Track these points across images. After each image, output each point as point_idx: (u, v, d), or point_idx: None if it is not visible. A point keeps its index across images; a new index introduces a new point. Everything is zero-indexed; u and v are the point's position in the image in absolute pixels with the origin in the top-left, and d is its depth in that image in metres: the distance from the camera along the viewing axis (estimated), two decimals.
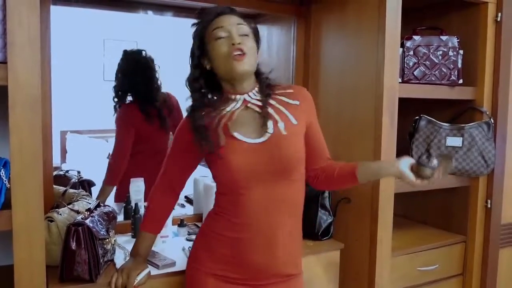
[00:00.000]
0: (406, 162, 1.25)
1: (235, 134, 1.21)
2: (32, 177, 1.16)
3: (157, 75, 2.16)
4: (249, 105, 1.25)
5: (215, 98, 1.27)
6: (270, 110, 1.23)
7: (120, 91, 2.12)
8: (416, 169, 1.23)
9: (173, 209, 1.45)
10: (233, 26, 1.20)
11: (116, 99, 2.11)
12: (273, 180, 1.20)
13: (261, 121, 1.22)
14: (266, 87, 1.27)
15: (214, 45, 1.20)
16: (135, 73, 2.10)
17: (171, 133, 2.14)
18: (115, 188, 2.09)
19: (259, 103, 1.25)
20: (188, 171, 1.37)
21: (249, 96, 1.26)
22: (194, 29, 1.27)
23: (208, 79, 1.27)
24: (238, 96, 1.25)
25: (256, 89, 1.27)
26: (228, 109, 1.25)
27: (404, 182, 1.27)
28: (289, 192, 1.24)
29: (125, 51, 2.15)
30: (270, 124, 1.21)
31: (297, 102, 1.27)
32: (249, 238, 1.22)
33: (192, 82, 1.26)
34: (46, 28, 1.58)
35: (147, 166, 2.06)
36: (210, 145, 1.20)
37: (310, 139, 1.30)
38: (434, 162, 1.22)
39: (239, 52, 1.17)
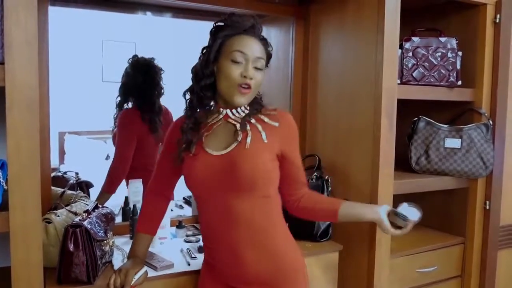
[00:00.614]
0: (384, 210, 1.34)
1: (204, 146, 1.25)
2: (30, 179, 1.16)
3: (162, 83, 2.15)
4: (229, 119, 1.28)
5: (207, 107, 1.30)
6: (247, 126, 1.25)
7: (125, 93, 2.12)
8: (391, 218, 1.33)
9: (167, 210, 1.47)
10: (252, 57, 1.22)
11: (119, 100, 2.11)
12: (231, 194, 1.21)
13: (232, 135, 1.25)
14: (255, 110, 1.29)
15: (228, 64, 1.22)
16: (144, 81, 2.10)
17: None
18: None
19: (239, 120, 1.27)
20: (179, 173, 1.36)
21: (232, 112, 1.28)
22: (216, 30, 1.27)
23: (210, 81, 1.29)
24: (222, 110, 1.29)
25: (243, 108, 1.29)
26: (209, 120, 1.29)
27: (380, 228, 1.35)
28: (249, 209, 1.22)
29: (135, 57, 2.14)
30: (238, 138, 1.23)
31: (276, 124, 1.28)
32: (216, 249, 1.28)
33: (198, 76, 1.27)
34: (44, 29, 1.57)
35: (146, 170, 2.07)
36: (182, 152, 1.26)
37: (284, 167, 1.30)
38: (410, 218, 1.32)
39: (246, 86, 1.22)
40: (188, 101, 1.30)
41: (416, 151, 1.92)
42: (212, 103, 1.29)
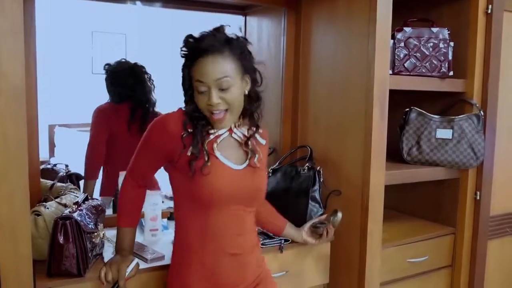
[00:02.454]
0: (305, 229, 1.59)
1: (219, 156, 1.24)
2: (17, 170, 1.14)
3: (146, 78, 2.13)
4: (233, 134, 1.29)
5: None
6: (250, 144, 1.30)
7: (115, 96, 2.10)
8: (312, 231, 1.58)
9: (145, 197, 1.41)
10: (213, 83, 1.17)
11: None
12: (241, 207, 1.27)
13: (242, 150, 1.29)
14: (254, 130, 1.31)
15: (196, 95, 1.22)
16: (130, 83, 2.09)
17: None
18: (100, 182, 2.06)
19: (242, 135, 1.30)
20: (157, 168, 1.35)
21: (235, 126, 1.29)
22: (183, 56, 1.23)
23: None
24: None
25: (241, 122, 1.30)
26: (213, 131, 1.26)
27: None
28: (249, 220, 1.31)
29: (106, 65, 2.12)
30: (250, 155, 1.29)
31: (264, 142, 1.36)
32: (219, 264, 1.25)
33: (186, 104, 1.27)
34: (31, 18, 1.54)
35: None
36: (198, 155, 1.20)
37: None
38: (326, 222, 1.56)
39: (216, 113, 1.20)
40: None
41: (407, 142, 1.92)
42: (204, 122, 1.25)
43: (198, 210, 1.24)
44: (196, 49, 1.18)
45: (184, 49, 1.21)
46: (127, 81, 2.08)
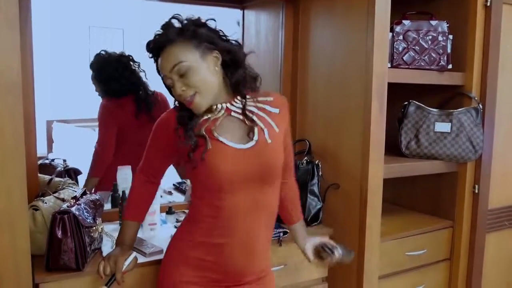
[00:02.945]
0: (313, 242, 1.40)
1: (221, 139, 1.20)
2: (15, 165, 1.14)
3: (133, 67, 2.11)
4: (232, 113, 1.24)
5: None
6: (254, 117, 1.24)
7: (104, 89, 2.10)
8: (318, 250, 1.39)
9: (155, 195, 1.43)
10: (171, 73, 1.17)
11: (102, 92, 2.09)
12: (256, 186, 1.21)
13: (247, 128, 1.23)
14: (245, 97, 1.25)
15: (169, 89, 1.23)
16: (117, 74, 2.08)
17: None
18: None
19: (238, 110, 1.24)
20: (168, 163, 1.37)
21: (232, 104, 1.25)
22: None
23: None
24: (219, 105, 1.24)
25: (239, 97, 1.25)
26: (210, 115, 1.24)
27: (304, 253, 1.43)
28: (269, 199, 1.26)
29: (94, 58, 2.12)
30: (255, 131, 1.22)
31: (277, 111, 1.29)
32: (228, 244, 1.22)
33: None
34: (27, 10, 1.53)
35: (132, 156, 2.06)
36: (194, 144, 1.19)
37: (284, 149, 1.31)
38: (336, 253, 1.34)
39: (187, 99, 1.18)
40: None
41: (406, 135, 1.92)
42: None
43: (212, 195, 1.22)
44: (154, 50, 1.21)
45: (148, 54, 1.23)
46: (115, 74, 2.07)
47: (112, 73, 2.07)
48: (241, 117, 1.24)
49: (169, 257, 1.30)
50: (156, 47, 1.20)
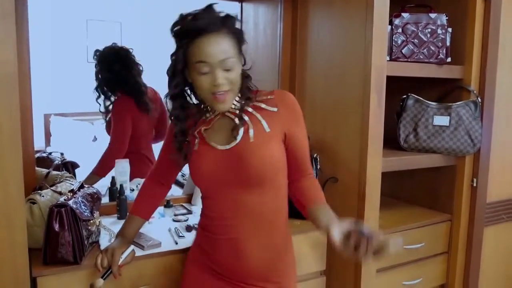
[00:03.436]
0: (344, 226, 1.06)
1: (207, 140, 1.22)
2: (11, 158, 1.13)
3: (137, 63, 2.13)
4: (226, 113, 1.23)
5: (195, 104, 1.27)
6: (245, 117, 1.21)
7: (108, 85, 2.09)
8: (349, 235, 1.03)
9: (164, 197, 1.49)
10: (217, 63, 1.12)
11: (101, 92, 2.08)
12: (240, 188, 1.19)
13: (233, 128, 1.20)
14: (247, 98, 1.23)
15: (196, 77, 1.15)
16: (119, 68, 2.08)
17: None
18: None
19: (236, 111, 1.22)
20: (179, 166, 1.37)
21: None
22: (175, 36, 1.17)
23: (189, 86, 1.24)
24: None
25: (237, 98, 1.23)
26: (207, 115, 1.25)
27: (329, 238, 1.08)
28: (259, 203, 1.20)
29: (97, 51, 2.11)
30: (240, 131, 1.19)
31: (275, 109, 1.22)
32: (216, 240, 1.25)
33: (173, 89, 1.21)
34: (23, 4, 1.51)
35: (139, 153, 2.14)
36: (183, 152, 1.24)
37: (290, 148, 1.24)
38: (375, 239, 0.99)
39: (220, 94, 1.15)
40: (173, 107, 1.24)
41: (404, 129, 1.92)
42: (183, 127, 1.24)
43: (203, 194, 1.29)
44: (194, 28, 1.12)
45: (178, 28, 1.16)
46: (116, 68, 2.07)
47: (121, 68, 2.07)
48: (233, 116, 1.22)
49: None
50: (200, 28, 1.12)
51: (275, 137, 1.21)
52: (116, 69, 2.06)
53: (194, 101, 1.28)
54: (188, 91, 1.26)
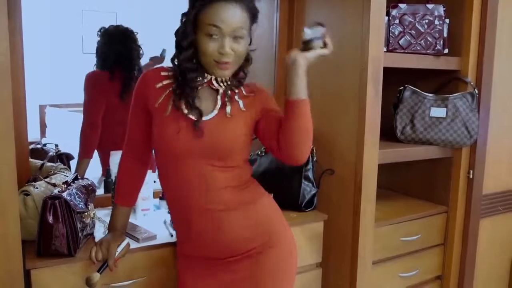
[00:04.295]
0: (297, 54, 1.23)
1: (183, 108, 1.19)
2: (3, 149, 1.12)
3: (139, 45, 2.10)
4: (211, 85, 1.23)
5: (191, 79, 1.22)
6: (227, 92, 1.23)
7: (104, 63, 2.06)
8: (305, 47, 1.24)
9: (145, 176, 1.41)
10: (228, 32, 1.13)
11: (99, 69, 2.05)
12: (205, 160, 1.19)
13: (213, 101, 1.22)
14: (238, 80, 1.26)
15: (203, 39, 1.15)
16: (121, 48, 2.05)
17: None
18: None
19: (219, 88, 1.23)
20: (146, 129, 1.30)
21: (216, 80, 1.23)
22: None
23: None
24: (207, 75, 1.22)
25: (227, 77, 1.23)
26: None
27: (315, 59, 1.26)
28: (223, 177, 1.21)
29: (102, 28, 2.09)
30: (218, 105, 1.21)
31: (252, 94, 1.28)
32: (186, 218, 1.23)
33: (178, 47, 1.20)
34: None
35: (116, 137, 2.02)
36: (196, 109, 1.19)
37: (267, 117, 1.26)
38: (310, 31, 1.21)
39: (223, 62, 1.16)
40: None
41: (401, 121, 1.91)
42: (196, 75, 1.21)
43: (165, 162, 1.24)
44: None
45: None
46: (118, 46, 2.04)
47: (122, 44, 2.05)
48: (216, 89, 1.22)
49: None
50: None
51: (248, 117, 1.25)
52: (116, 46, 2.03)
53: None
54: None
